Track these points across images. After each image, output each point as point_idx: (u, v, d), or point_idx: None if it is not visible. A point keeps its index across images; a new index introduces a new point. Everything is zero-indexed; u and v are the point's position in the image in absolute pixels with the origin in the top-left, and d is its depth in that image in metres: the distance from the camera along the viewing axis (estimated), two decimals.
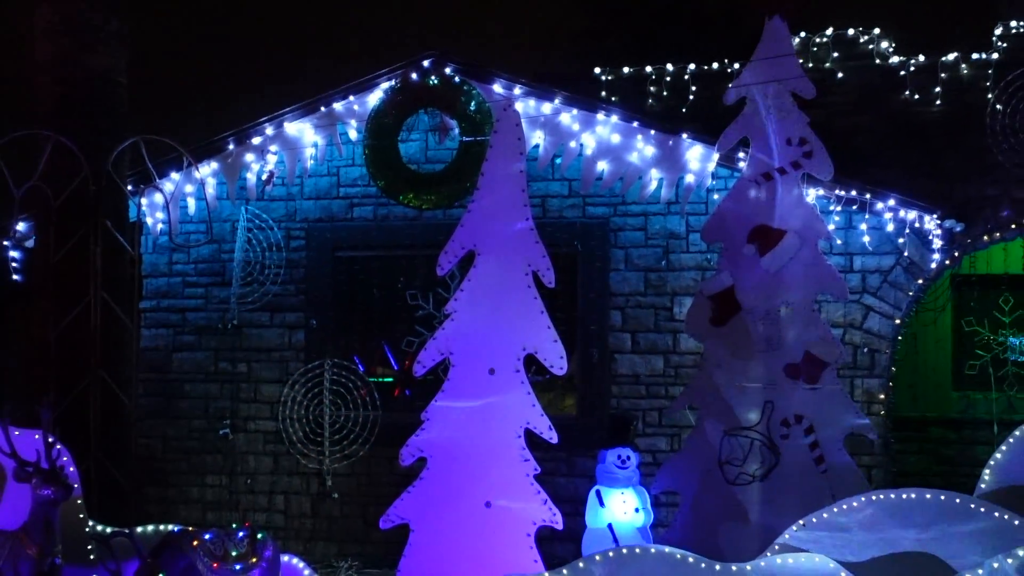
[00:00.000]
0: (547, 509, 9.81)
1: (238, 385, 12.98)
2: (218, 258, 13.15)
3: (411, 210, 12.50)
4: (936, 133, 13.01)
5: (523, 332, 9.92)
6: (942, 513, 9.08)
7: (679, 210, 12.35)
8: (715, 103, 12.05)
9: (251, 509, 12.61)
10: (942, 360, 14.73)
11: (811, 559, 8.32)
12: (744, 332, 10.60)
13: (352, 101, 12.69)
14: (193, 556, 8.72)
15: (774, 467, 10.36)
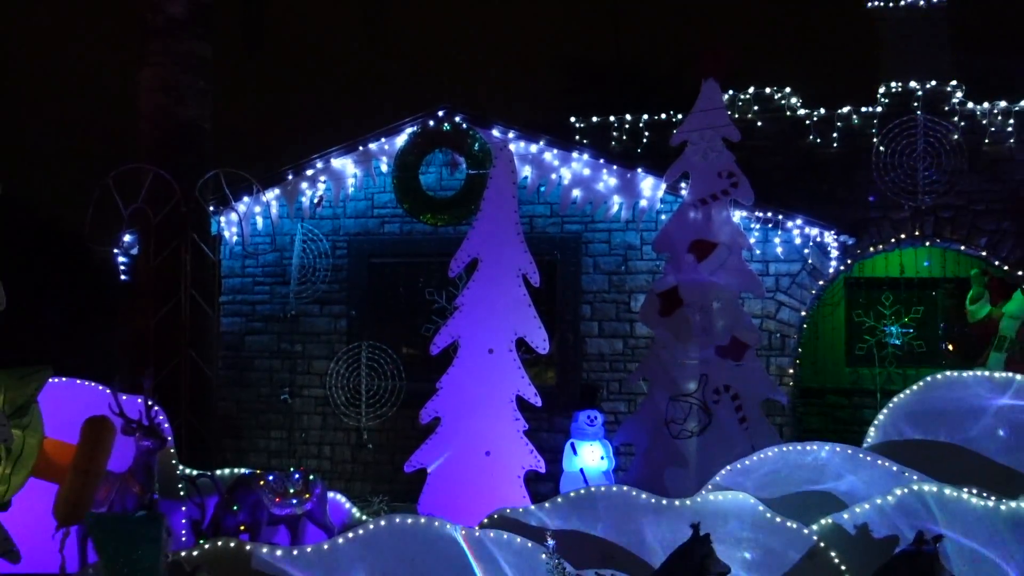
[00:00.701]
0: (533, 457, 9.89)
1: (295, 361, 13.01)
2: (280, 263, 13.21)
3: (429, 227, 12.48)
4: (833, 169, 13.01)
5: (515, 321, 9.97)
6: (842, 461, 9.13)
7: (635, 227, 12.40)
8: (663, 145, 12.12)
9: (305, 456, 12.66)
10: (837, 343, 14.77)
11: (735, 496, 8.34)
12: (685, 321, 10.61)
13: (383, 142, 12.73)
14: (260, 493, 8.75)
15: (707, 425, 10.37)
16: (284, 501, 8.76)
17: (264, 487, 8.79)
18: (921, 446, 9.60)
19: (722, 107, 10.79)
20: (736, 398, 10.43)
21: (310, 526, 8.91)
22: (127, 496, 8.41)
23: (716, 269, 10.55)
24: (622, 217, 12.34)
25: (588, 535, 8.22)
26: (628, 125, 13.52)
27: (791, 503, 8.90)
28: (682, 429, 10.38)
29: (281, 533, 8.77)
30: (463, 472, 9.84)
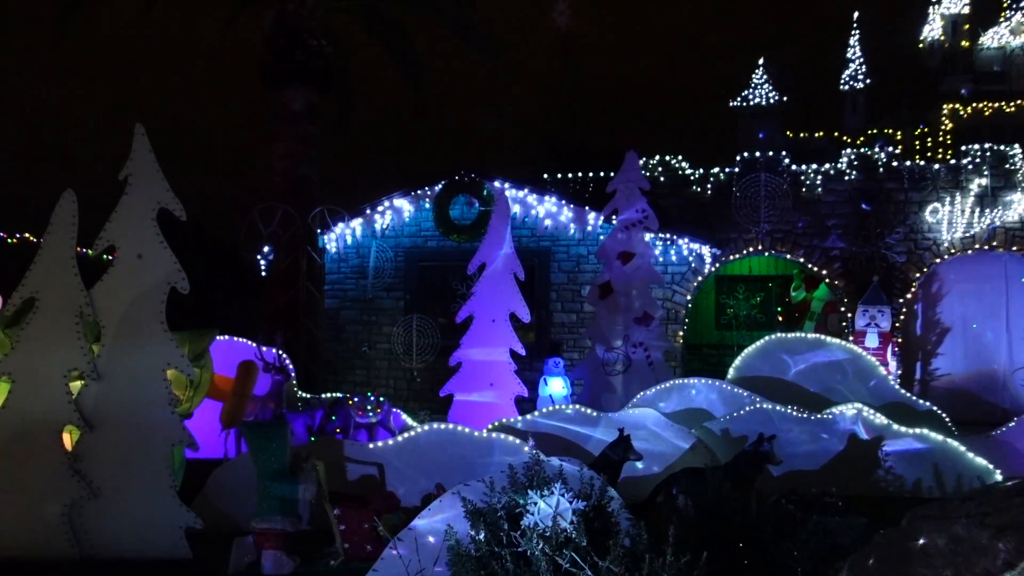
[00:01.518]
0: (520, 386, 9.90)
1: (371, 327, 13.03)
2: (362, 266, 13.16)
3: (455, 243, 12.51)
4: (708, 207, 12.90)
5: (508, 301, 9.96)
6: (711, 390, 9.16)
7: (584, 244, 12.42)
8: (602, 191, 12.09)
9: (377, 386, 12.66)
10: (710, 315, 14.79)
11: (645, 411, 8.36)
12: (615, 301, 10.63)
13: (427, 189, 12.72)
14: (349, 408, 8.75)
15: (628, 367, 10.39)
16: (364, 414, 8.75)
17: (351, 405, 8.79)
18: (761, 380, 9.64)
19: (639, 168, 10.82)
20: (647, 350, 10.46)
21: (380, 430, 8.91)
22: (265, 411, 8.45)
23: (634, 270, 10.59)
24: (576, 237, 12.36)
25: (554, 436, 8.25)
26: (580, 177, 13.53)
27: (680, 415, 8.95)
28: (612, 369, 10.42)
29: (362, 434, 8.79)
30: (476, 396, 9.87)
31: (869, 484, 7.80)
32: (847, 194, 12.23)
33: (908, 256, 11.95)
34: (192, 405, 7.33)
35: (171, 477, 5.92)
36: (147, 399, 5.91)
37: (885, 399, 9.14)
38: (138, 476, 5.85)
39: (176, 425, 5.98)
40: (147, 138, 6.07)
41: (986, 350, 12.39)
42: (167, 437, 5.94)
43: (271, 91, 12.87)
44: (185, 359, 6.10)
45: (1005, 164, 11.81)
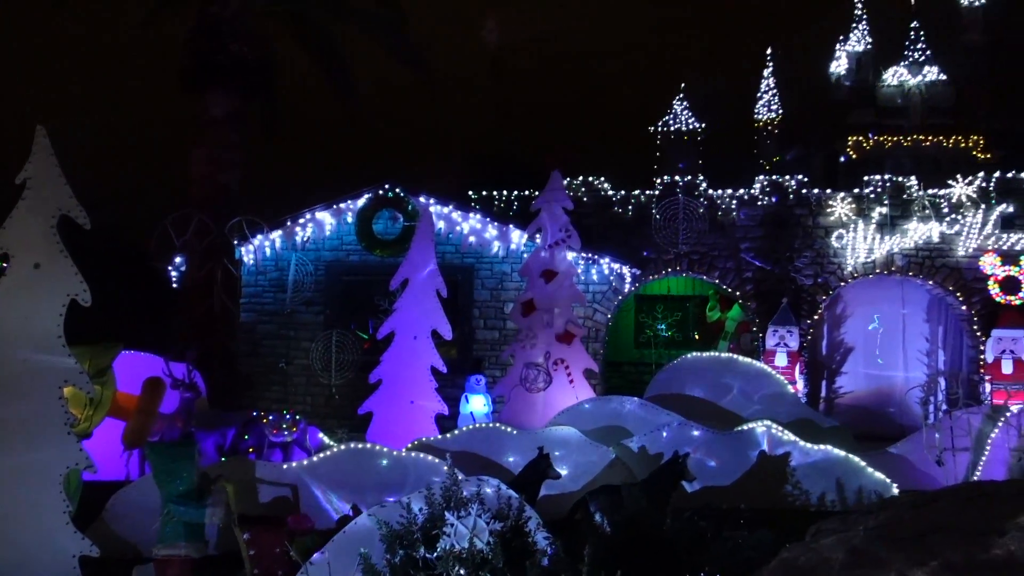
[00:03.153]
0: (440, 404, 9.82)
1: (289, 341, 12.65)
2: (281, 279, 12.75)
3: (378, 257, 12.34)
4: (629, 228, 13.06)
5: (430, 317, 9.90)
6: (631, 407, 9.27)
7: (508, 261, 12.46)
8: (526, 210, 12.18)
9: (294, 403, 12.29)
10: (629, 334, 15.06)
11: (565, 428, 8.41)
12: (538, 319, 10.67)
13: (350, 203, 12.52)
14: (263, 427, 8.49)
15: (549, 384, 10.45)
16: (279, 432, 8.50)
17: (266, 423, 8.53)
18: (677, 397, 9.86)
19: (563, 188, 10.93)
20: (568, 367, 10.54)
21: (296, 448, 8.67)
22: (173, 430, 8.08)
23: (557, 288, 10.67)
24: (500, 255, 12.40)
25: (474, 454, 8.21)
26: (505, 195, 13.57)
27: (599, 432, 9.05)
28: (533, 386, 10.45)
29: (276, 453, 8.52)
30: (396, 414, 9.70)
31: (778, 498, 8.07)
32: (760, 218, 12.70)
33: (815, 279, 12.52)
34: (92, 424, 6.95)
35: (65, 502, 5.56)
36: (41, 418, 5.54)
37: (793, 416, 9.53)
38: (28, 501, 5.46)
39: (72, 446, 5.63)
40: (49, 141, 5.73)
41: (884, 370, 13.09)
42: (62, 459, 5.58)
43: (191, 95, 12.42)
44: (84, 375, 5.75)
45: (903, 194, 12.57)
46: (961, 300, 12.27)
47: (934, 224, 12.31)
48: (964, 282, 12.25)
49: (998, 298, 11.97)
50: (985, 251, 12.14)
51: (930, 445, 8.60)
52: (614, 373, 14.24)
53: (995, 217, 12.15)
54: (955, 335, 12.87)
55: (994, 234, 12.14)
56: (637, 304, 14.93)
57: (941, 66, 16.63)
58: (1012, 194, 12.29)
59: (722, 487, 8.10)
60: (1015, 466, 8.36)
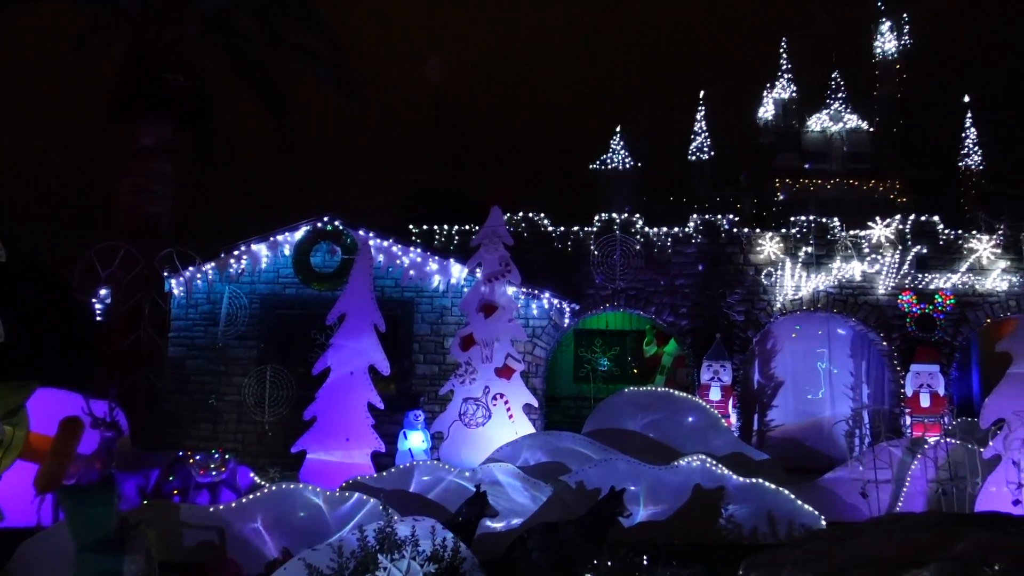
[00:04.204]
0: (377, 442, 9.62)
1: (220, 377, 12.15)
2: (213, 312, 12.31)
3: (316, 291, 12.09)
4: (568, 263, 13.06)
5: (368, 353, 9.75)
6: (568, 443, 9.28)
7: (448, 295, 12.36)
8: (467, 244, 12.20)
9: (224, 441, 11.78)
10: (568, 368, 15.05)
11: (502, 465, 8.34)
12: (478, 353, 10.61)
13: (287, 235, 12.24)
14: (190, 467, 8.15)
15: (488, 419, 10.36)
16: (207, 472, 8.16)
17: (193, 463, 8.18)
18: (615, 432, 9.92)
19: (503, 223, 10.94)
20: (507, 402, 10.45)
21: (225, 489, 8.32)
22: (91, 472, 7.66)
23: (496, 323, 10.64)
24: (440, 289, 12.28)
25: (411, 493, 8.06)
26: (446, 230, 13.52)
27: (538, 468, 8.99)
28: (471, 421, 10.35)
29: (203, 495, 8.15)
30: (331, 452, 9.46)
31: (712, 532, 8.15)
32: (694, 256, 13.00)
33: (746, 315, 12.85)
34: (0, 468, 6.50)
35: None
36: None
37: (726, 449, 9.68)
38: None
39: None
40: None
41: (812, 404, 13.48)
42: None
43: (121, 124, 12.09)
44: None
45: (827, 235, 13.09)
46: (882, 336, 12.78)
47: (856, 263, 12.85)
48: (884, 319, 12.78)
49: (915, 335, 12.52)
50: (903, 290, 12.72)
51: (855, 477, 8.85)
52: (554, 408, 14.20)
53: (911, 258, 12.77)
54: (877, 370, 13.37)
55: (910, 273, 12.74)
56: (576, 339, 15.00)
57: (860, 115, 17.59)
58: (926, 236, 12.96)
59: (658, 522, 8.14)
60: (933, 497, 8.68)
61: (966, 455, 8.83)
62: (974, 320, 12.77)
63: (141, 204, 11.80)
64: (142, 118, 11.97)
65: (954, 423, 11.30)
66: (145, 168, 11.89)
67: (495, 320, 10.62)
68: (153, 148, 12.03)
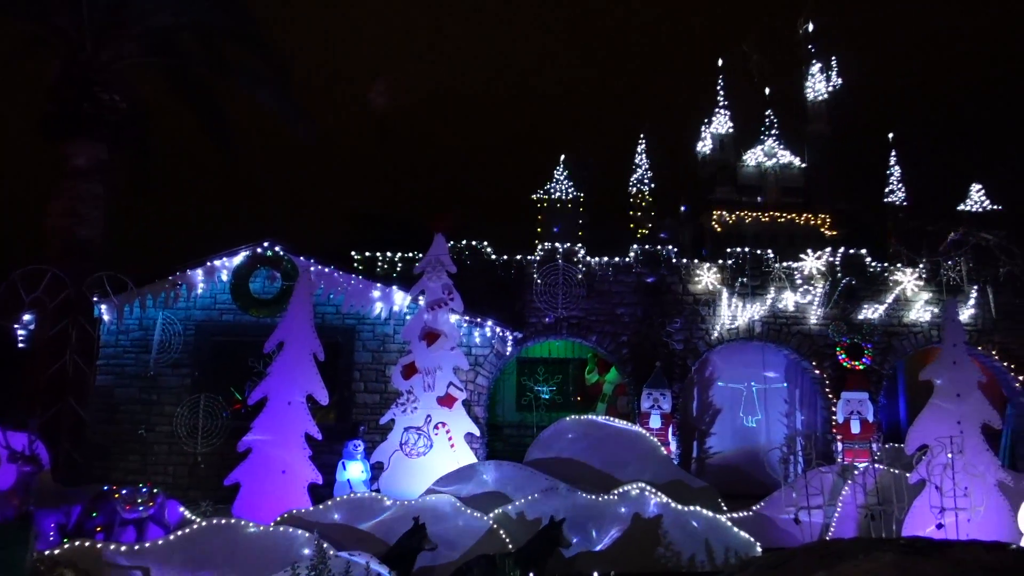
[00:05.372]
0: (315, 473, 9.37)
1: (151, 407, 11.70)
2: (145, 339, 11.90)
3: (254, 318, 11.80)
4: (511, 292, 13.10)
5: (306, 382, 9.54)
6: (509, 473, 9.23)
7: (390, 323, 12.24)
8: (409, 272, 12.11)
9: (154, 474, 11.33)
10: (511, 396, 15.03)
11: (442, 497, 8.24)
12: (420, 381, 10.52)
13: (226, 260, 11.93)
14: (115, 502, 7.79)
15: (430, 448, 10.25)
16: (133, 508, 7.80)
17: (119, 498, 7.82)
18: (556, 461, 9.90)
19: (446, 251, 10.93)
20: (449, 431, 10.38)
21: (152, 526, 7.96)
22: (8, 508, 7.24)
23: (439, 351, 10.59)
24: (382, 316, 12.16)
25: (348, 527, 7.87)
26: (389, 258, 13.41)
27: (479, 499, 8.91)
28: (412, 451, 10.21)
29: (129, 532, 7.78)
30: (266, 485, 9.15)
31: (651, 561, 8.18)
32: (634, 285, 13.21)
33: (685, 344, 13.08)
34: None
35: None
36: None
37: (666, 477, 9.76)
38: None
39: None
40: None
41: (749, 431, 13.76)
42: None
43: (53, 144, 11.63)
44: None
45: (761, 266, 13.49)
46: (814, 364, 13.18)
47: (789, 294, 13.26)
48: (816, 347, 13.18)
49: (845, 363, 12.95)
50: (833, 320, 13.17)
51: (788, 504, 9.04)
52: (496, 436, 14.12)
53: (840, 288, 13.25)
54: (810, 397, 13.75)
55: (840, 304, 13.22)
56: (519, 367, 15.00)
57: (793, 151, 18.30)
58: (854, 268, 13.48)
59: (598, 551, 8.12)
60: (863, 522, 8.92)
61: (893, 480, 9.13)
62: (900, 349, 13.29)
63: (71, 227, 11.31)
64: (74, 138, 11.52)
65: (882, 449, 11.67)
66: (76, 189, 11.41)
67: (437, 348, 10.57)
68: (85, 169, 11.58)
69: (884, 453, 11.35)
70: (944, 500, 8.53)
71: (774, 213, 17.84)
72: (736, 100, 18.92)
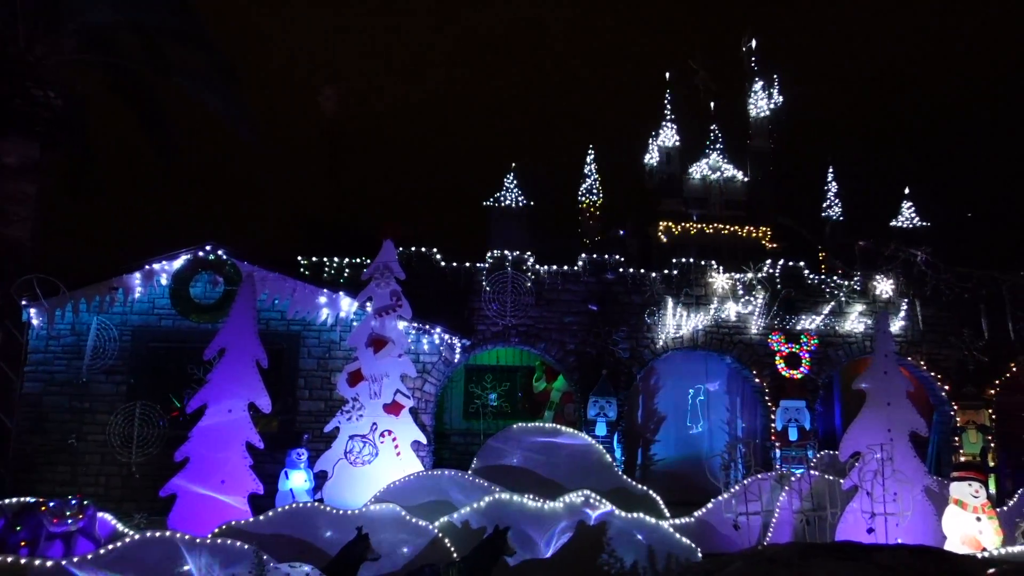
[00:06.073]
0: (255, 483, 9.14)
1: (83, 415, 11.24)
2: (77, 344, 11.45)
3: (194, 323, 11.48)
4: (460, 299, 13.04)
5: (248, 390, 9.31)
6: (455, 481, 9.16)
7: (337, 329, 12.06)
8: (358, 277, 11.93)
9: (85, 485, 10.87)
10: (458, 404, 14.96)
11: (386, 506, 8.13)
12: (367, 388, 10.38)
13: (165, 264, 11.57)
14: (41, 515, 7.44)
15: (375, 457, 10.11)
16: (61, 521, 7.46)
17: (45, 511, 7.47)
18: (502, 469, 9.89)
19: (395, 257, 10.83)
20: (395, 439, 10.26)
21: (82, 539, 7.63)
22: None
23: (385, 357, 10.47)
24: (328, 323, 11.97)
25: (289, 537, 7.68)
26: (336, 263, 13.22)
27: (424, 508, 8.83)
28: (358, 459, 10.06)
29: (57, 546, 7.43)
30: (204, 496, 8.89)
31: (594, 568, 8.21)
32: (582, 294, 13.31)
33: (631, 352, 13.24)
34: None
35: None
36: None
37: (610, 485, 9.85)
38: None
39: None
40: None
41: (692, 438, 14.00)
42: None
43: None
44: None
45: (705, 276, 13.77)
46: (755, 373, 13.50)
47: (731, 304, 13.56)
48: (757, 357, 13.51)
49: (783, 372, 13.30)
50: (772, 330, 13.52)
51: (728, 510, 9.21)
52: (443, 444, 14.02)
53: (780, 300, 13.62)
54: (751, 405, 14.08)
55: (779, 314, 13.59)
56: (467, 374, 14.94)
57: (737, 165, 18.76)
58: (793, 280, 13.88)
59: (543, 559, 8.12)
60: (799, 527, 9.15)
61: (827, 486, 9.39)
62: (835, 359, 13.72)
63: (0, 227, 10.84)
64: (5, 135, 11.06)
65: (817, 456, 12.01)
66: (6, 188, 10.94)
67: (385, 355, 10.44)
68: (16, 167, 11.11)
69: (820, 460, 11.67)
70: (875, 505, 8.81)
71: (718, 225, 18.24)
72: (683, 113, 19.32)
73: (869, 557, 4.68)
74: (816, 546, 5.81)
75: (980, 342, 13.62)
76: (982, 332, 13.66)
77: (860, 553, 4.78)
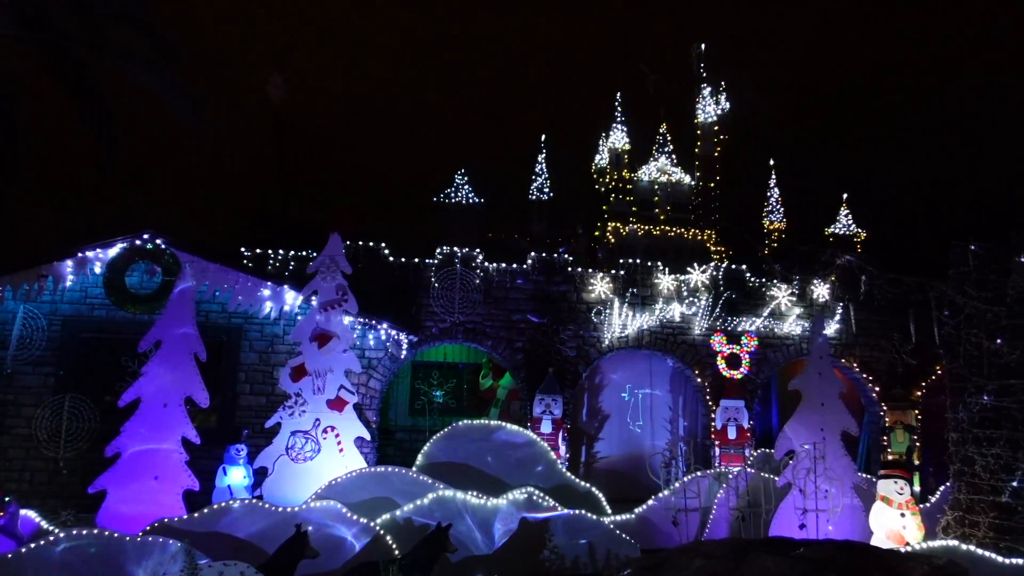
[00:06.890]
0: (190, 479, 8.85)
1: (6, 408, 10.73)
2: (2, 333, 10.91)
3: (129, 314, 11.06)
4: (408, 295, 12.91)
5: (185, 384, 9.00)
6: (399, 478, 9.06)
7: (280, 323, 11.80)
8: (303, 270, 11.69)
9: (8, 481, 10.37)
10: (404, 400, 14.84)
11: (326, 504, 7.97)
12: (310, 384, 10.20)
13: (98, 252, 11.10)
14: None
15: (317, 453, 9.94)
16: None
17: None
18: (447, 466, 9.82)
19: (341, 251, 10.67)
20: (338, 435, 10.11)
21: (2, 537, 7.26)
22: None
23: (329, 352, 10.30)
24: (272, 316, 11.71)
25: (225, 535, 7.46)
26: (281, 255, 12.92)
27: (367, 505, 8.70)
28: (299, 455, 9.86)
29: None
30: (136, 492, 8.56)
31: (536, 564, 8.22)
32: (530, 292, 13.33)
33: (577, 351, 13.32)
34: None
35: None
36: None
37: (554, 481, 9.89)
38: None
39: None
40: None
41: (635, 436, 14.17)
42: None
43: None
44: None
45: (652, 277, 13.95)
46: (697, 373, 13.74)
47: (676, 305, 13.77)
48: (699, 357, 13.75)
49: (724, 372, 13.58)
50: (715, 331, 13.78)
51: (668, 507, 9.34)
52: (388, 441, 13.87)
53: (722, 302, 13.90)
54: (693, 404, 14.33)
55: (721, 316, 13.86)
56: (413, 371, 14.81)
57: (683, 169, 19.07)
58: (735, 283, 14.18)
59: (485, 556, 8.09)
60: (734, 523, 9.35)
61: (763, 484, 9.61)
62: (774, 360, 14.07)
63: None
64: None
65: (754, 454, 12.30)
66: None
67: (329, 350, 10.27)
68: None
69: (756, 458, 11.95)
70: (807, 502, 9.05)
71: (665, 227, 18.51)
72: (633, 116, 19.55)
73: (799, 552, 4.79)
74: (750, 541, 5.94)
75: (909, 346, 14.15)
76: (911, 336, 14.20)
77: (791, 548, 4.88)
